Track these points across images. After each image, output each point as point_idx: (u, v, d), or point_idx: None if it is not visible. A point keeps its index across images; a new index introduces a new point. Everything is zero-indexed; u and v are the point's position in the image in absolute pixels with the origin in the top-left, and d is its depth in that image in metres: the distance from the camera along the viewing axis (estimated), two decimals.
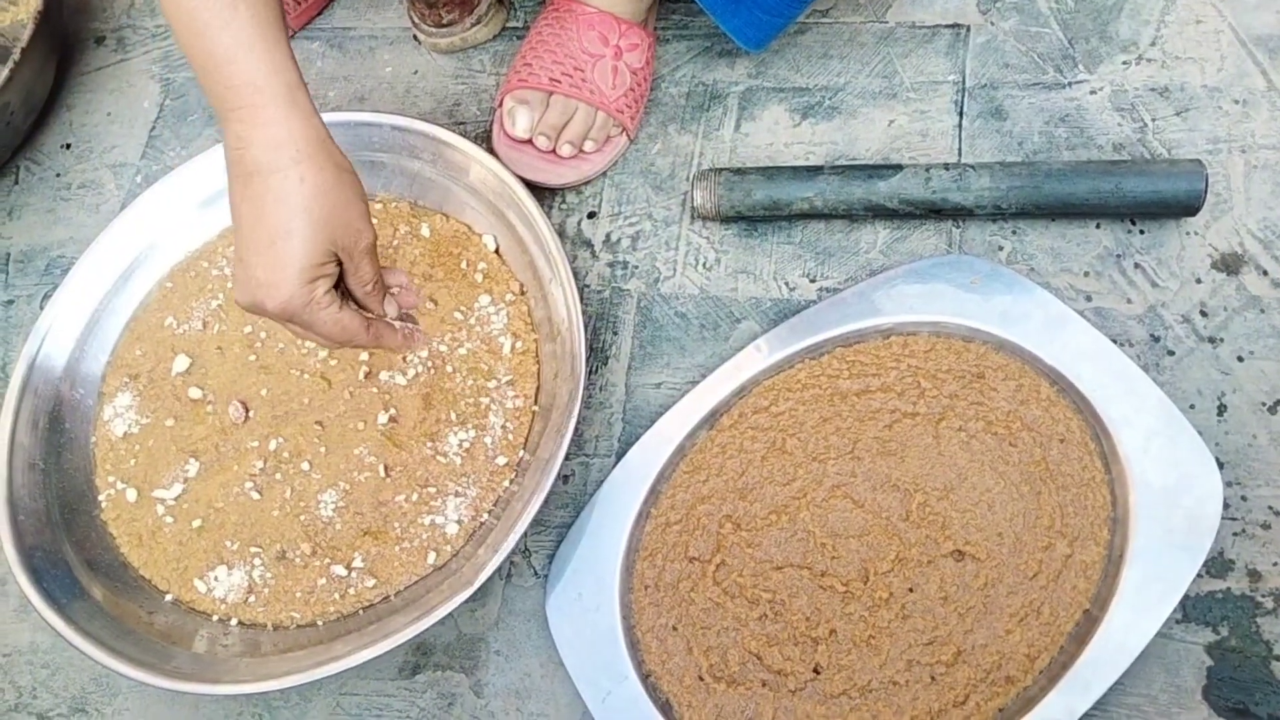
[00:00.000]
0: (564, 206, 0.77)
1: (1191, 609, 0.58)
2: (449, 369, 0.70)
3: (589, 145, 0.75)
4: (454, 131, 0.73)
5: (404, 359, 0.70)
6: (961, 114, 0.73)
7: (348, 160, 0.56)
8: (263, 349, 0.73)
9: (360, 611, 0.64)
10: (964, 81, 0.73)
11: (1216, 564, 0.58)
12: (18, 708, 0.70)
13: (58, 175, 0.88)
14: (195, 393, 0.72)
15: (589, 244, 0.75)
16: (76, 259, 0.75)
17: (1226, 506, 0.59)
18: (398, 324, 0.61)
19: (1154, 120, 0.69)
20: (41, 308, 0.79)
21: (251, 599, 0.66)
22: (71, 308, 0.74)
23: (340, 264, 0.56)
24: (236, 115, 0.52)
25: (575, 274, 0.69)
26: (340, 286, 0.57)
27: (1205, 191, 0.63)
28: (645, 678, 0.60)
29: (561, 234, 0.74)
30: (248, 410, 0.71)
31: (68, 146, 0.89)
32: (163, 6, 0.53)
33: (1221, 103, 0.69)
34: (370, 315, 0.59)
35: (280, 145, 0.52)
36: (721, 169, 0.71)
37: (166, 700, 0.68)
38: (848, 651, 0.59)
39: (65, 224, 0.86)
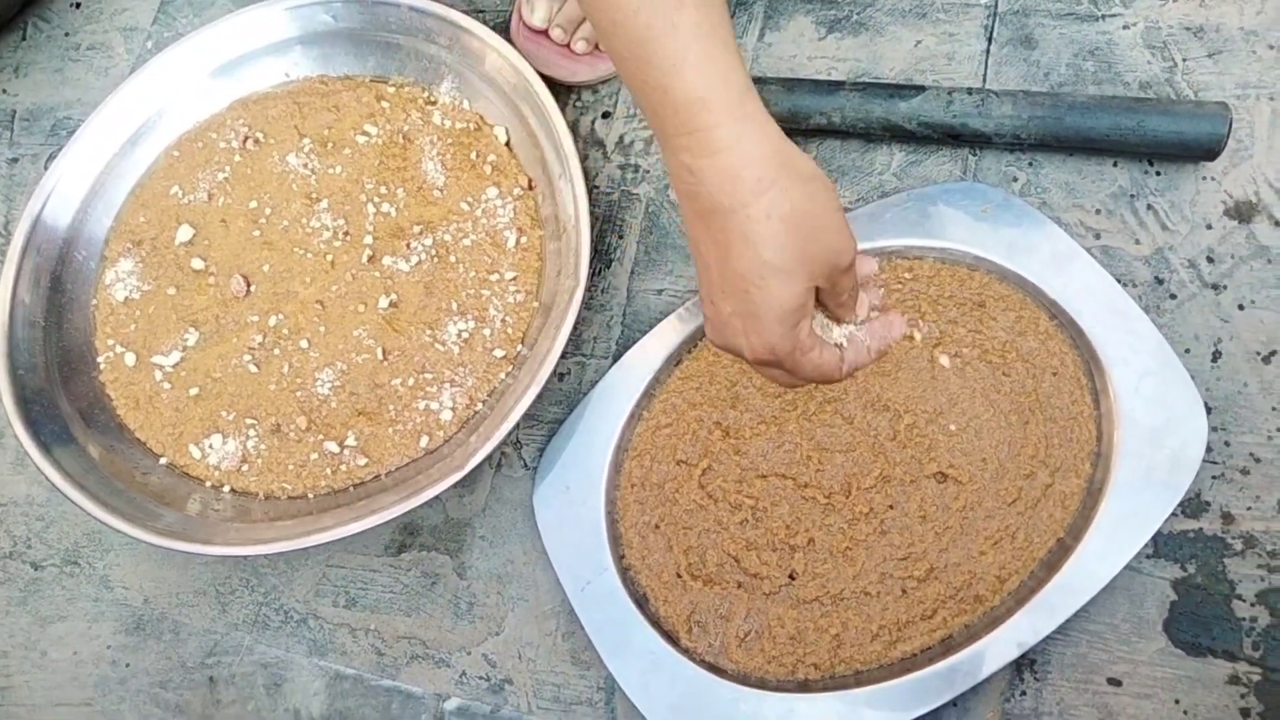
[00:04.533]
0: (579, 104, 0.76)
1: (1163, 545, 0.59)
2: (452, 259, 0.70)
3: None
4: (472, 17, 0.72)
5: (408, 246, 0.70)
6: (990, 39, 0.71)
7: (813, 165, 0.46)
8: (267, 225, 0.73)
9: (351, 488, 0.66)
10: (996, 6, 0.72)
11: (1192, 504, 0.60)
12: (12, 556, 0.72)
13: (66, 35, 0.87)
14: (198, 263, 0.72)
15: (601, 144, 0.74)
16: (83, 120, 0.74)
17: (1209, 450, 0.60)
18: (870, 335, 0.52)
19: (1184, 60, 0.68)
20: (46, 168, 0.78)
21: (245, 468, 0.67)
22: (77, 170, 0.74)
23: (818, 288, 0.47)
24: (683, 143, 0.43)
25: (585, 173, 0.68)
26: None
27: (1227, 136, 0.62)
28: (624, 571, 0.62)
29: (574, 132, 0.74)
30: (249, 284, 0.71)
31: (77, 5, 0.87)
32: (590, 12, 0.44)
33: (1256, 47, 0.67)
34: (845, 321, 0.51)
35: (738, 176, 0.43)
36: None
37: (157, 559, 0.70)
38: (823, 561, 0.60)
39: (73, 85, 0.85)
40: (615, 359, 0.67)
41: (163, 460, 0.68)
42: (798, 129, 0.69)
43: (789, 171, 0.44)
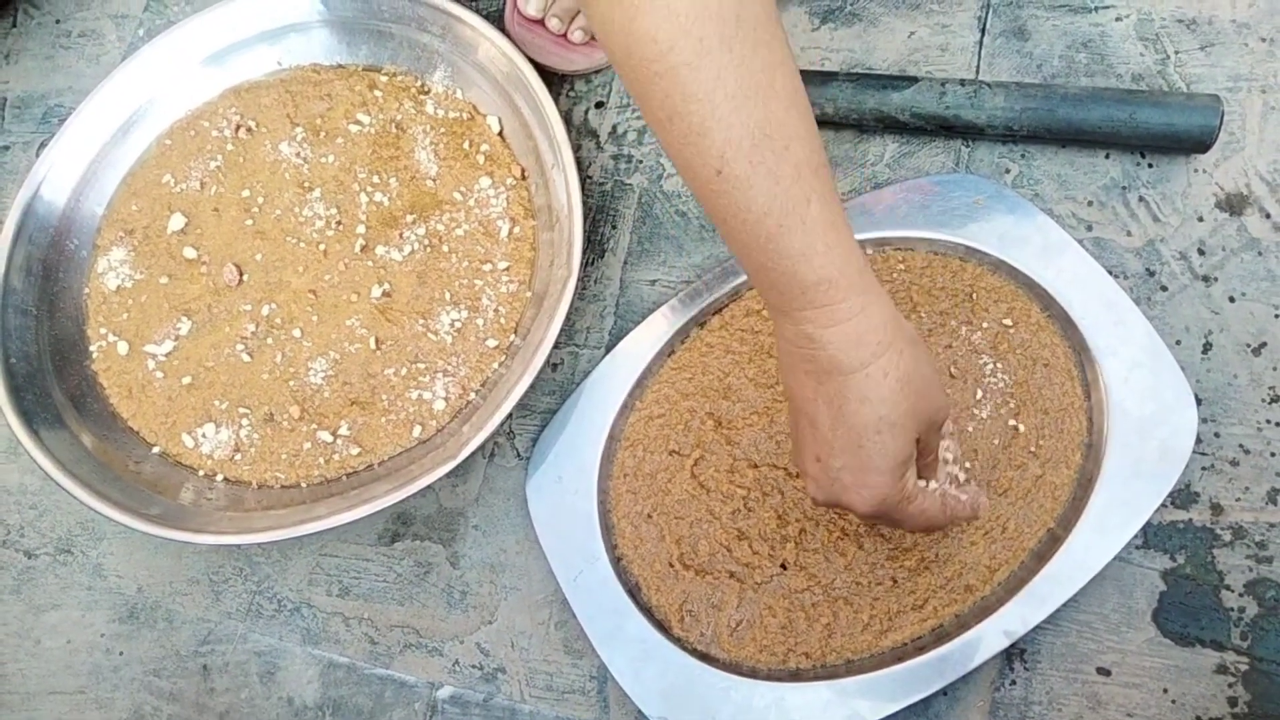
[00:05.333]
0: (572, 94, 0.75)
1: (1152, 536, 0.59)
2: (445, 248, 0.70)
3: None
4: (466, 6, 0.71)
5: (400, 235, 0.70)
6: (984, 31, 0.71)
7: (916, 331, 0.50)
8: (259, 214, 0.72)
9: (344, 477, 0.66)
10: None
11: (1182, 495, 0.60)
12: (5, 544, 0.72)
13: (57, 21, 0.86)
14: (190, 252, 0.72)
15: (594, 134, 0.74)
16: (75, 108, 0.74)
17: (1199, 441, 0.60)
18: (963, 491, 0.54)
19: (1177, 53, 0.68)
20: (38, 155, 0.78)
21: (238, 457, 0.67)
22: (68, 158, 0.74)
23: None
24: (807, 315, 0.46)
25: (579, 163, 0.68)
26: None
27: (1219, 128, 0.62)
28: (617, 560, 0.62)
29: (568, 122, 0.73)
30: (242, 274, 0.71)
31: None
32: (712, 213, 0.46)
33: (1248, 39, 0.68)
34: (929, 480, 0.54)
35: (861, 340, 0.46)
36: None
37: (150, 547, 0.70)
38: (815, 551, 0.60)
39: (64, 72, 0.84)
40: (608, 349, 0.67)
41: (155, 449, 0.68)
42: None
43: (902, 336, 0.47)
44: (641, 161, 0.73)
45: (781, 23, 0.45)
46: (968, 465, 0.59)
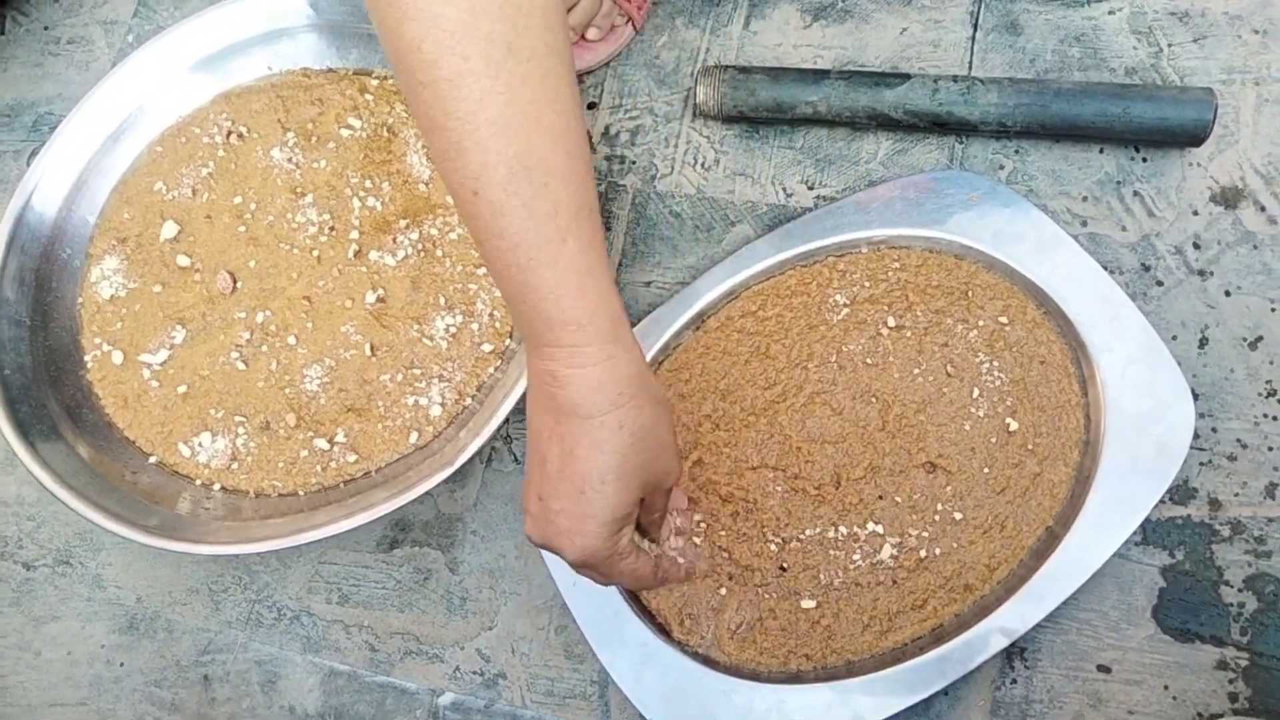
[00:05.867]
0: None
1: (1151, 532, 0.59)
2: (439, 253, 0.70)
3: (593, 33, 0.73)
4: None
5: (394, 240, 0.70)
6: (976, 26, 0.71)
7: (663, 391, 0.50)
8: (252, 220, 0.72)
9: (341, 484, 0.66)
10: None
11: (1180, 491, 0.60)
12: (4, 556, 0.72)
13: (46, 29, 0.86)
14: (183, 260, 0.72)
15: (587, 136, 0.74)
16: (65, 115, 0.74)
17: (1196, 436, 0.60)
18: (675, 553, 0.57)
19: (1170, 45, 0.68)
20: (28, 164, 0.78)
21: (234, 466, 0.67)
22: (59, 166, 0.73)
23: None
24: (552, 353, 0.46)
25: None
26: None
27: (1213, 122, 0.62)
28: None
29: None
30: (235, 281, 0.71)
31: None
32: (470, 230, 0.45)
33: (1241, 31, 0.67)
34: (650, 544, 0.56)
35: (601, 387, 0.45)
36: (727, 67, 0.70)
37: (149, 558, 0.70)
38: (814, 552, 0.60)
39: (53, 80, 0.84)
40: None
41: (152, 459, 0.68)
42: (783, 118, 0.69)
43: (645, 393, 0.47)
44: (635, 162, 0.73)
45: (570, 59, 0.44)
46: (697, 540, 0.61)
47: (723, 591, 0.60)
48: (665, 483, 0.50)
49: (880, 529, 0.60)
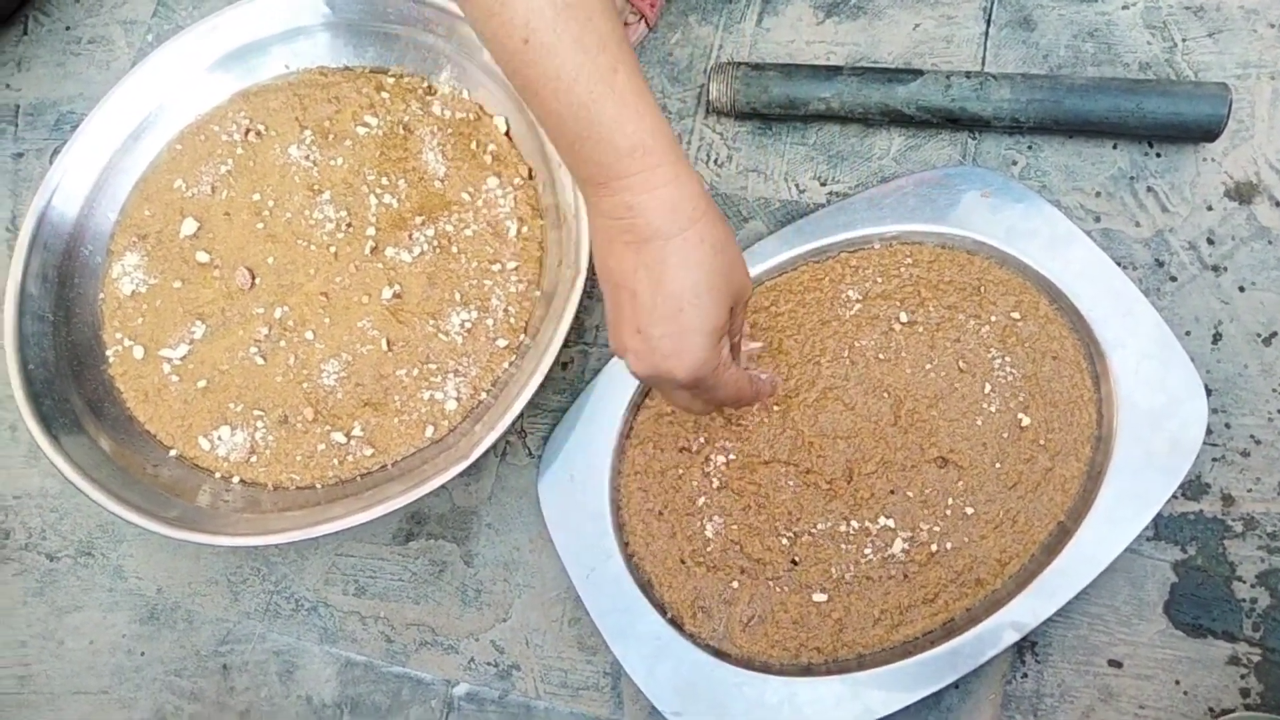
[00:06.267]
0: None
1: (1163, 528, 0.60)
2: (454, 249, 0.70)
3: None
4: None
5: (410, 236, 0.71)
6: (989, 21, 0.71)
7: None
8: (270, 217, 0.73)
9: (358, 478, 0.66)
10: None
11: (1193, 486, 0.60)
12: (28, 547, 0.73)
13: (67, 29, 0.87)
14: (203, 257, 0.73)
15: None
16: (86, 115, 0.75)
17: (1209, 432, 0.60)
18: (760, 371, 0.58)
19: (1184, 40, 0.68)
20: (51, 162, 0.79)
21: (253, 459, 0.68)
22: (81, 165, 0.74)
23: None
24: (625, 184, 0.47)
25: None
26: None
27: (1227, 117, 0.62)
28: (629, 558, 0.62)
29: None
30: (254, 277, 0.72)
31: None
32: (523, 85, 0.47)
33: (1257, 25, 0.67)
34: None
35: (677, 206, 0.47)
36: (740, 63, 0.70)
37: (169, 549, 0.71)
38: (825, 546, 0.61)
39: (75, 79, 0.85)
40: None
41: (172, 452, 0.69)
42: (796, 115, 0.69)
43: (713, 209, 0.49)
44: None
45: None
46: (758, 348, 0.62)
47: (735, 585, 0.61)
48: (744, 295, 0.51)
49: (892, 523, 0.60)
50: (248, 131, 0.75)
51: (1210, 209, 0.64)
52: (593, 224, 0.50)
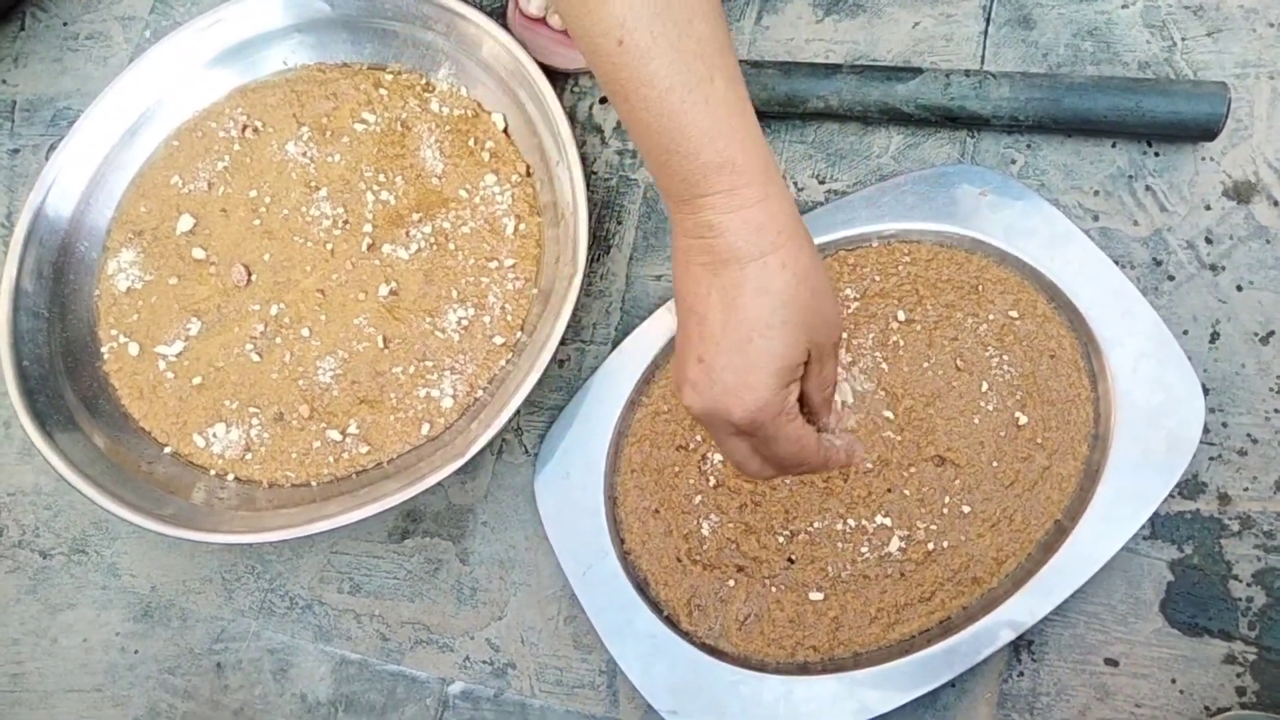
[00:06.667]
0: (576, 90, 0.76)
1: (1160, 527, 0.59)
2: (451, 246, 0.70)
3: None
4: (469, 4, 0.71)
5: (407, 234, 0.70)
6: (989, 20, 0.71)
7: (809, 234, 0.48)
8: (267, 214, 0.73)
9: (353, 475, 0.66)
10: None
11: (1189, 486, 0.60)
12: (21, 544, 0.73)
13: (64, 24, 0.87)
14: (199, 253, 0.73)
15: (599, 130, 0.74)
16: (83, 111, 0.75)
17: (1206, 431, 0.60)
18: (839, 437, 0.53)
19: (1184, 39, 0.68)
20: (47, 158, 0.78)
21: (248, 456, 0.68)
22: (77, 161, 0.74)
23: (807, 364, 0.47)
24: (709, 201, 0.44)
25: (583, 159, 0.68)
26: None
27: (1226, 116, 0.62)
28: (625, 556, 0.62)
29: (572, 118, 0.74)
30: (250, 274, 0.72)
31: None
32: (614, 89, 0.44)
33: (1256, 25, 0.67)
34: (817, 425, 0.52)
35: (762, 228, 0.44)
36: (739, 61, 0.70)
37: (164, 546, 0.70)
38: (822, 545, 0.60)
39: (72, 75, 0.85)
40: (615, 345, 0.68)
41: (167, 449, 0.69)
42: (795, 113, 0.69)
43: (802, 232, 0.46)
44: None
45: None
46: (854, 422, 0.58)
47: (731, 583, 0.61)
48: (831, 334, 0.47)
49: (888, 521, 0.60)
50: (245, 128, 0.75)
51: (1208, 208, 0.64)
52: (675, 245, 0.47)
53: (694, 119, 0.43)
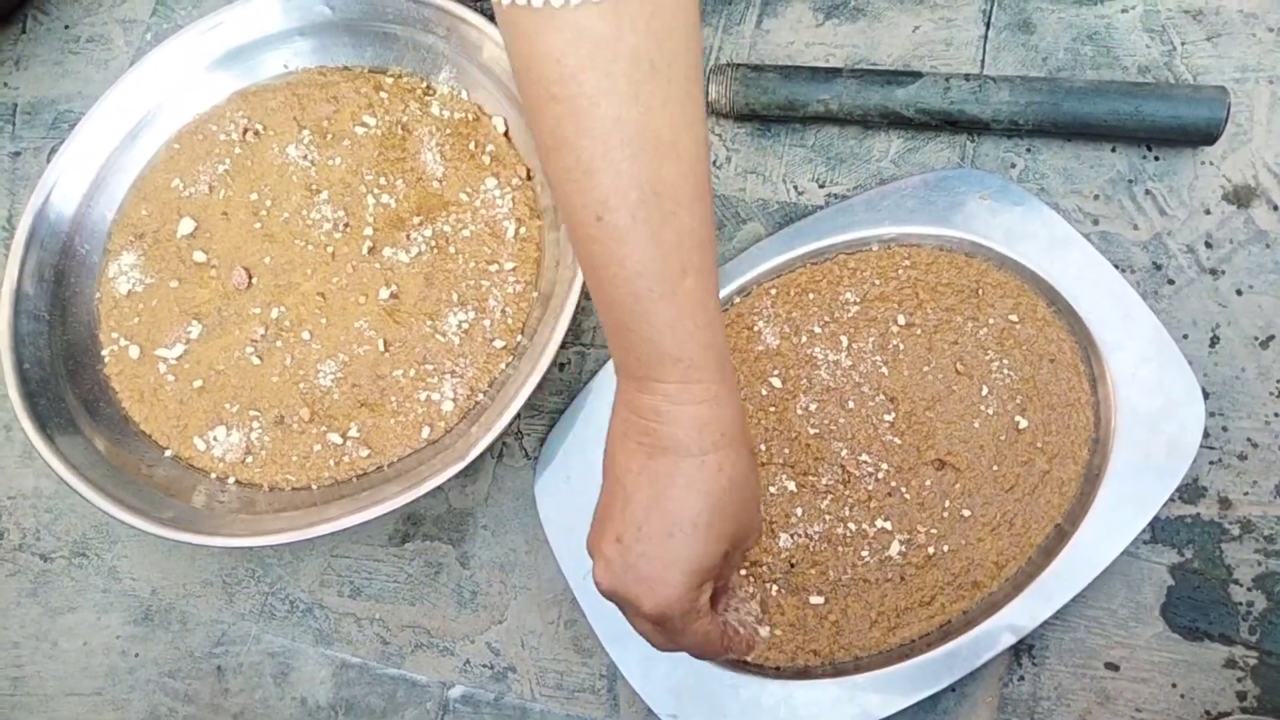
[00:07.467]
0: None
1: (1160, 531, 0.59)
2: (451, 250, 0.70)
3: None
4: (470, 7, 0.72)
5: (407, 237, 0.70)
6: (988, 24, 0.71)
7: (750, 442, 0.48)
8: (267, 217, 0.73)
9: (354, 479, 0.66)
10: None
11: (1190, 490, 0.60)
12: (22, 548, 0.73)
13: (66, 27, 0.87)
14: (199, 256, 0.73)
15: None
16: (84, 114, 0.75)
17: (1207, 435, 0.60)
18: (741, 624, 0.54)
19: (1183, 44, 0.68)
20: (48, 161, 0.79)
21: (249, 459, 0.68)
22: (78, 163, 0.74)
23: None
24: (659, 388, 0.43)
25: None
26: None
27: (1225, 120, 0.62)
28: None
29: None
30: (251, 277, 0.72)
31: None
32: (584, 259, 0.43)
33: (1256, 30, 0.67)
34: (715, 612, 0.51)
35: (706, 426, 0.43)
36: (739, 65, 0.70)
37: (164, 550, 0.70)
38: (821, 549, 0.60)
39: (73, 78, 0.85)
40: None
41: (168, 452, 0.69)
42: (795, 117, 0.69)
43: (744, 438, 0.45)
44: None
45: (702, 81, 0.41)
46: (755, 609, 0.59)
47: (731, 586, 0.61)
48: (749, 539, 0.48)
49: (889, 525, 0.60)
50: (246, 131, 0.75)
51: (1208, 212, 0.64)
52: (616, 413, 0.46)
53: (659, 309, 0.42)
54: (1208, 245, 0.64)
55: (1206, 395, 0.61)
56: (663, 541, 0.44)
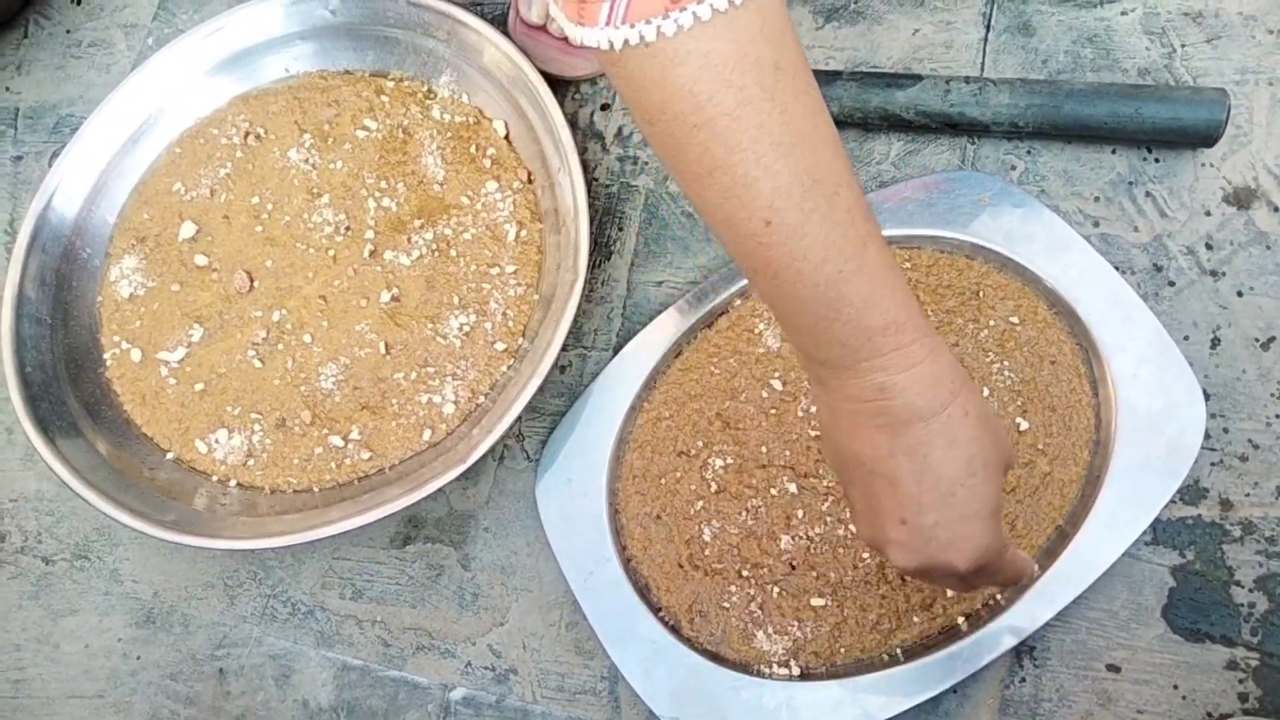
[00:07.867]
0: (577, 97, 0.76)
1: (1161, 532, 0.59)
2: (453, 253, 0.70)
3: None
4: (470, 11, 0.72)
5: (409, 240, 0.71)
6: (988, 27, 0.71)
7: None
8: (269, 220, 0.73)
9: (355, 481, 0.66)
10: None
11: (1191, 491, 0.60)
12: (24, 550, 0.73)
13: (68, 32, 0.87)
14: (201, 260, 0.73)
15: (600, 136, 0.74)
16: (86, 118, 0.75)
17: (1208, 437, 0.60)
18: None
19: (1183, 46, 0.68)
20: (50, 165, 0.79)
21: (250, 462, 0.68)
22: (80, 167, 0.74)
23: None
24: (878, 363, 0.43)
25: (584, 166, 0.68)
26: None
27: (1225, 122, 0.62)
28: (627, 561, 0.62)
29: (573, 125, 0.74)
30: (252, 280, 0.72)
31: (78, 2, 0.88)
32: (762, 268, 0.43)
33: (1255, 32, 0.67)
34: None
35: (938, 381, 0.43)
36: None
37: (166, 552, 0.70)
38: (823, 551, 0.60)
39: (75, 82, 0.85)
40: (616, 351, 0.68)
41: (169, 455, 0.69)
42: None
43: (967, 375, 0.46)
44: (647, 163, 0.73)
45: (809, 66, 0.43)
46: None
47: (732, 589, 0.61)
48: (1012, 455, 0.47)
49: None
50: (247, 135, 0.75)
51: (1208, 214, 0.64)
52: (833, 409, 0.46)
53: (854, 287, 0.42)
54: (1208, 247, 0.64)
55: (1207, 397, 0.61)
56: (948, 503, 0.44)
